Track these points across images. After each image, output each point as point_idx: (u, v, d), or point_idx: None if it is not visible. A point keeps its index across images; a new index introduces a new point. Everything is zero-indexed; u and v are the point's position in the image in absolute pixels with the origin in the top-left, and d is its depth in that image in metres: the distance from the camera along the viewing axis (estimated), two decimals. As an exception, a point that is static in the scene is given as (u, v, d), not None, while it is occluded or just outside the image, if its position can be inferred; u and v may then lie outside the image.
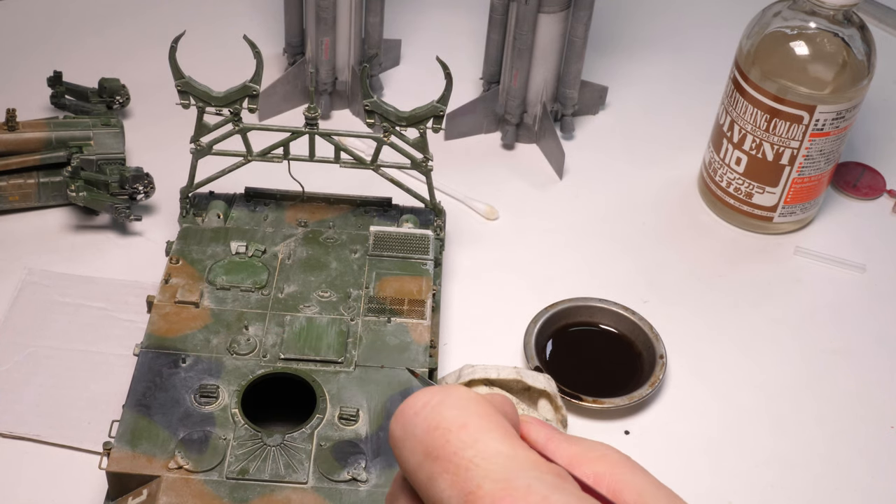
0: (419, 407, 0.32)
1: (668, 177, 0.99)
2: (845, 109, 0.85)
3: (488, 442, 0.31)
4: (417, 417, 0.32)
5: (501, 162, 0.99)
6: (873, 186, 0.99)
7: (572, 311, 0.82)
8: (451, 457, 0.31)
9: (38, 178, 0.86)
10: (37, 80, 0.98)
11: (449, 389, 0.33)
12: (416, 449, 0.32)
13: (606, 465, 0.33)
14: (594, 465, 0.33)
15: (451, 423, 0.31)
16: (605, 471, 0.33)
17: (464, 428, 0.31)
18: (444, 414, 0.32)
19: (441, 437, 0.31)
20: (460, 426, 0.31)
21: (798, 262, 0.92)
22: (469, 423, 0.31)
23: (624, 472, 0.33)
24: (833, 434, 0.78)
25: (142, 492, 0.62)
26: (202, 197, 0.83)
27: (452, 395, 0.32)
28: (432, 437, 0.31)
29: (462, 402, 0.32)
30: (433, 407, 0.32)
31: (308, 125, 0.78)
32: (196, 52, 0.92)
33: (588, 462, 0.33)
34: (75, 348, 0.77)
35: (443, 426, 0.31)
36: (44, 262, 0.84)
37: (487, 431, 0.31)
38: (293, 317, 0.73)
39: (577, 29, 0.94)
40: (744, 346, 0.84)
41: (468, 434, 0.31)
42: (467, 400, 0.32)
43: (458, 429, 0.31)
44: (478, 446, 0.31)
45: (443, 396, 0.32)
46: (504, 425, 0.32)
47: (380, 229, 0.81)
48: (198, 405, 0.67)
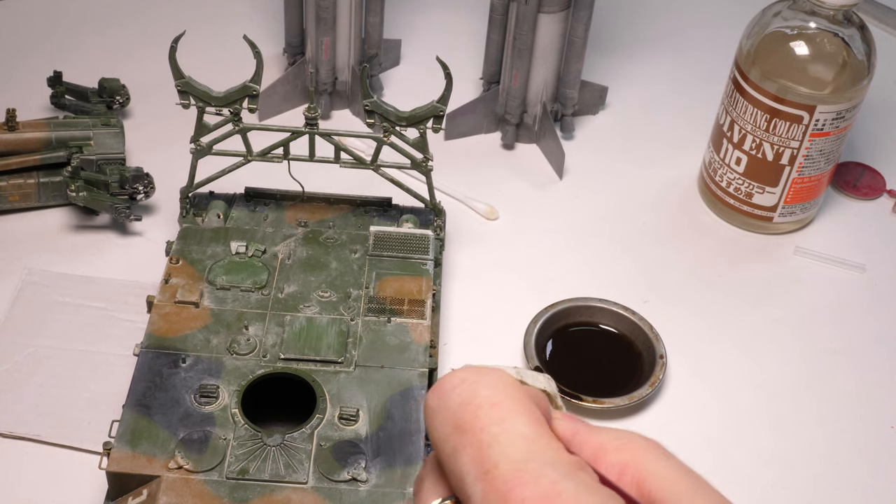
0: (457, 382, 0.33)
1: (668, 177, 0.99)
2: (845, 109, 0.85)
3: (515, 423, 0.32)
4: (454, 392, 0.33)
5: (501, 162, 0.99)
6: (873, 186, 0.99)
7: (572, 311, 0.82)
8: (477, 431, 0.32)
9: (38, 178, 0.86)
10: (37, 80, 0.98)
11: (488, 370, 0.34)
12: (447, 420, 0.33)
13: (631, 454, 0.33)
14: (619, 454, 0.33)
15: (483, 399, 0.32)
16: (629, 459, 0.33)
17: (495, 406, 0.32)
18: (478, 391, 0.33)
19: (472, 411, 0.32)
20: (492, 404, 0.32)
21: (798, 262, 0.92)
22: (501, 402, 0.32)
23: (649, 460, 0.33)
24: (833, 434, 0.78)
25: (142, 492, 0.62)
26: (202, 197, 0.83)
27: (490, 375, 0.33)
28: (464, 411, 0.32)
29: (499, 382, 0.33)
30: (470, 384, 0.33)
31: (308, 125, 0.78)
32: (196, 52, 0.92)
33: (613, 451, 0.33)
34: (75, 348, 0.77)
35: (475, 402, 0.32)
36: (44, 262, 0.84)
37: (516, 414, 0.32)
38: (293, 317, 0.73)
39: (577, 29, 0.94)
40: (744, 346, 0.84)
41: (497, 412, 0.32)
42: (504, 382, 0.33)
43: (489, 406, 0.32)
44: (504, 424, 0.31)
45: (480, 376, 0.33)
46: (534, 412, 0.32)
47: (380, 229, 0.81)
48: (198, 405, 0.67)
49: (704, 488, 0.32)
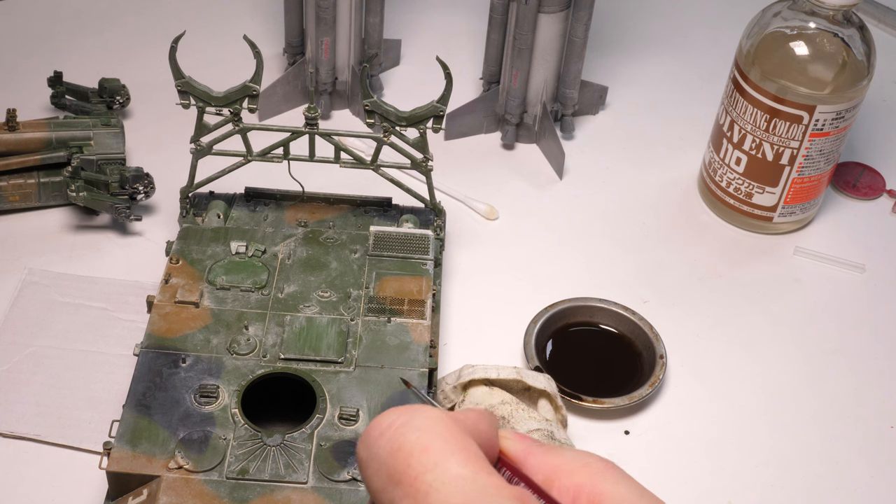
0: (384, 428, 0.32)
1: (668, 177, 0.99)
2: (845, 109, 0.85)
3: (449, 465, 0.30)
4: (382, 439, 0.32)
5: (501, 162, 0.99)
6: (873, 186, 0.99)
7: (572, 311, 0.82)
8: (412, 481, 0.30)
9: (38, 178, 0.86)
10: (37, 80, 0.98)
11: (415, 410, 0.32)
12: (380, 471, 0.31)
13: (587, 476, 0.32)
14: (574, 476, 0.32)
15: (413, 445, 0.31)
16: (585, 482, 0.32)
17: (425, 451, 0.30)
18: (407, 436, 0.31)
19: (403, 460, 0.31)
20: (422, 449, 0.31)
21: (798, 262, 0.92)
22: (431, 445, 0.31)
23: (605, 481, 0.32)
24: (832, 434, 0.78)
25: (142, 492, 0.62)
26: (202, 197, 0.83)
27: (417, 416, 0.32)
28: (395, 460, 0.31)
29: (427, 423, 0.31)
30: (397, 428, 0.31)
31: (308, 125, 0.78)
32: (196, 52, 0.92)
33: (567, 474, 0.32)
34: (75, 348, 0.77)
35: (405, 448, 0.31)
36: (44, 262, 0.84)
37: (450, 455, 0.30)
38: (293, 317, 0.73)
39: (577, 29, 0.94)
40: (744, 345, 0.84)
41: (429, 457, 0.30)
42: (432, 421, 0.32)
43: (419, 452, 0.30)
44: (438, 470, 0.30)
45: (408, 417, 0.32)
46: (468, 448, 0.31)
47: (380, 229, 0.81)
48: (198, 405, 0.67)
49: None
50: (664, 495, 0.72)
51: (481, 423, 0.34)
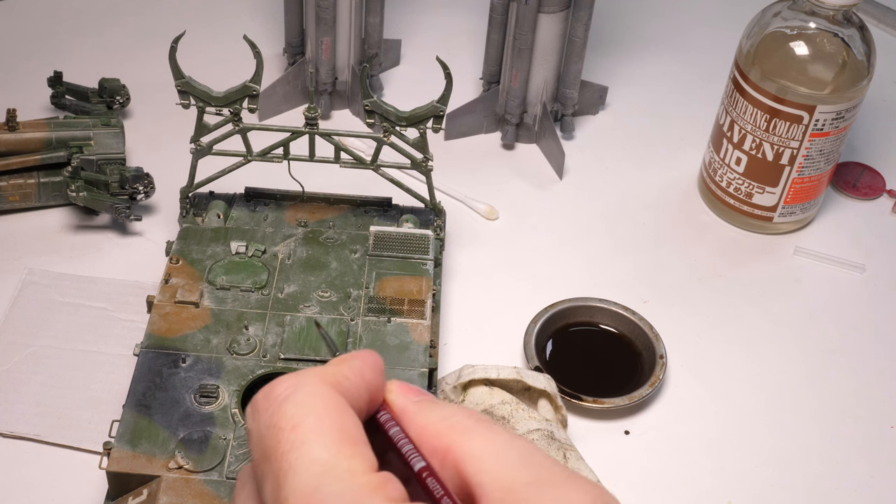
0: (270, 399, 0.32)
1: (668, 177, 0.99)
2: (845, 109, 0.85)
3: (312, 447, 0.30)
4: (265, 412, 0.31)
5: (501, 162, 0.99)
6: (873, 186, 0.99)
7: (572, 311, 0.82)
8: (278, 459, 0.30)
9: (38, 178, 0.86)
10: (37, 80, 0.98)
11: (301, 381, 0.32)
12: (257, 444, 0.31)
13: (455, 436, 0.31)
14: (442, 438, 0.32)
15: (286, 421, 0.30)
16: (451, 443, 0.31)
17: (295, 428, 0.30)
18: (284, 411, 0.31)
19: (275, 435, 0.30)
20: (293, 426, 0.30)
21: (798, 262, 0.92)
22: (302, 423, 0.30)
23: (471, 438, 0.31)
24: (832, 434, 0.78)
25: (142, 492, 0.62)
26: (202, 197, 0.83)
27: (300, 391, 0.31)
28: (269, 434, 0.31)
29: (307, 398, 0.31)
30: (279, 402, 0.31)
31: (308, 125, 0.78)
32: (196, 52, 0.92)
33: (435, 435, 0.32)
34: (75, 348, 0.77)
35: (279, 424, 0.31)
36: (44, 262, 0.84)
37: (318, 435, 0.30)
38: (293, 317, 0.73)
39: (577, 29, 0.94)
40: (744, 345, 0.84)
41: (297, 435, 0.30)
42: (313, 396, 0.31)
43: (290, 428, 0.30)
44: (301, 450, 0.30)
45: (291, 391, 0.31)
46: (341, 428, 0.30)
47: (380, 229, 0.81)
48: (198, 405, 0.67)
49: (532, 458, 0.30)
50: (664, 495, 0.73)
51: (366, 370, 0.33)
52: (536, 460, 0.30)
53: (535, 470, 0.30)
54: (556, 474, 0.30)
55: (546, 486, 0.29)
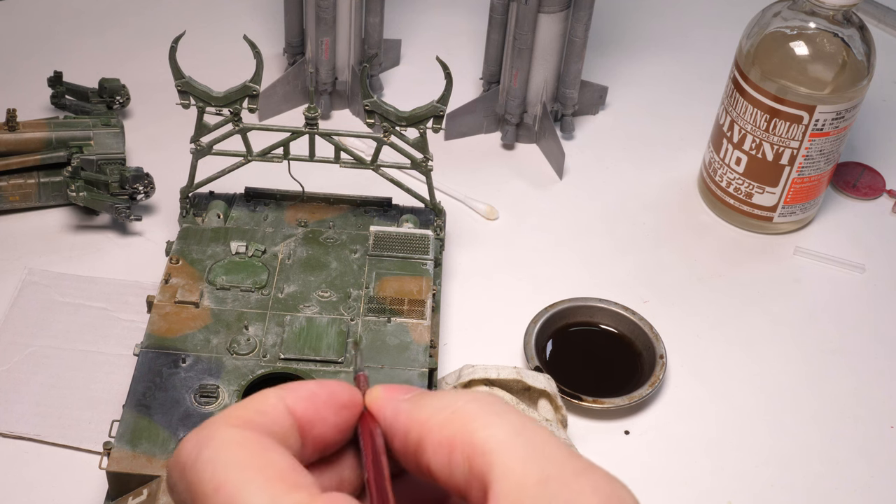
0: (180, 467, 0.30)
1: (668, 177, 0.99)
2: (845, 109, 0.85)
3: (246, 499, 0.28)
4: (181, 481, 0.30)
5: (501, 162, 0.99)
6: (873, 186, 0.99)
7: (572, 311, 0.82)
8: None
9: (38, 178, 0.86)
10: (37, 80, 0.98)
11: (207, 438, 0.30)
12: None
13: (459, 426, 0.30)
14: (445, 429, 0.30)
15: (207, 484, 0.29)
16: (456, 433, 0.30)
17: (218, 490, 0.29)
18: (201, 473, 0.29)
19: (201, 503, 0.29)
20: (215, 489, 0.29)
21: (798, 262, 0.92)
22: (224, 480, 0.29)
23: (478, 427, 0.29)
24: (832, 434, 0.78)
25: (142, 491, 0.62)
26: (202, 197, 0.83)
27: (209, 447, 0.30)
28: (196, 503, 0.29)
29: (218, 452, 0.29)
30: (191, 466, 0.30)
31: (308, 125, 0.78)
32: (196, 52, 0.92)
33: (437, 428, 0.30)
34: (75, 348, 0.77)
35: (201, 490, 0.29)
36: (44, 262, 0.84)
37: (246, 484, 0.28)
38: (293, 317, 0.73)
39: (577, 29, 0.94)
40: (744, 345, 0.84)
41: (224, 496, 0.28)
42: (223, 447, 0.29)
43: (213, 492, 0.29)
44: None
45: (199, 448, 0.30)
46: (267, 466, 0.29)
47: (380, 229, 0.81)
48: (198, 405, 0.67)
49: (544, 449, 0.29)
50: (664, 495, 0.73)
51: (289, 399, 0.32)
52: (548, 451, 0.29)
53: (546, 464, 0.28)
54: (569, 468, 0.28)
55: (558, 483, 0.28)
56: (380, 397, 0.32)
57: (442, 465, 0.30)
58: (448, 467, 0.30)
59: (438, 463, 0.30)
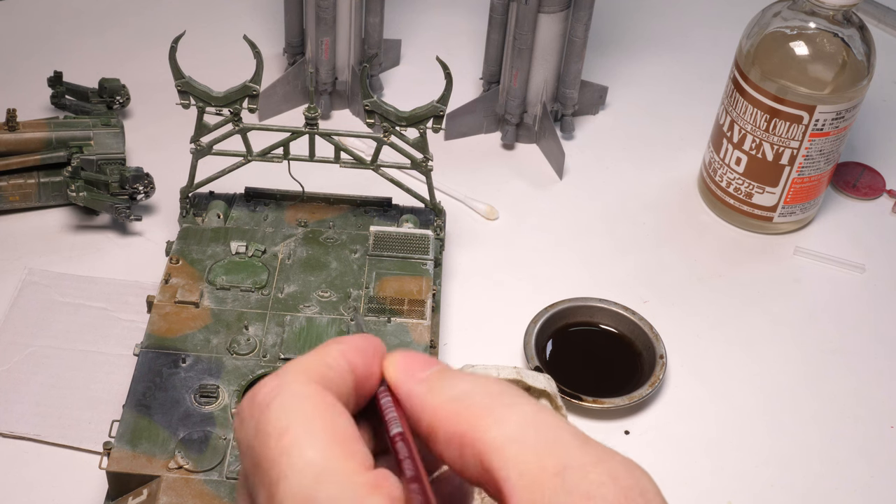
0: (254, 406, 0.31)
1: (668, 177, 0.99)
2: (845, 109, 0.85)
3: (304, 450, 0.29)
4: (251, 419, 0.31)
5: (501, 162, 0.99)
6: (873, 186, 0.99)
7: (572, 311, 0.82)
8: (269, 467, 0.29)
9: (38, 178, 0.86)
10: (37, 80, 0.98)
11: (284, 383, 0.31)
12: (247, 454, 0.31)
13: (470, 420, 0.30)
14: (455, 423, 0.30)
15: (273, 427, 0.30)
16: (467, 428, 0.30)
17: (283, 435, 0.29)
18: (270, 417, 0.30)
19: (263, 443, 0.30)
20: (280, 432, 0.29)
21: (798, 262, 0.92)
22: (289, 427, 0.29)
23: (488, 423, 0.29)
24: (832, 434, 0.78)
25: (142, 491, 0.62)
26: (202, 197, 0.83)
27: (283, 393, 0.30)
28: (258, 442, 0.30)
29: (292, 400, 0.30)
30: (264, 408, 0.30)
31: (308, 125, 0.78)
32: (196, 52, 0.92)
33: (448, 420, 0.30)
34: (75, 348, 0.77)
35: (267, 430, 0.30)
36: (44, 262, 0.84)
37: (308, 437, 0.29)
38: (293, 317, 0.73)
39: (577, 29, 0.94)
40: (744, 345, 0.84)
41: (286, 440, 0.29)
42: (298, 397, 0.30)
43: (278, 435, 0.29)
44: (293, 455, 0.29)
45: (275, 394, 0.30)
46: (331, 428, 0.30)
47: (380, 229, 0.81)
48: (198, 405, 0.67)
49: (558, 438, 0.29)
50: (664, 495, 0.72)
51: (350, 354, 0.32)
52: (563, 440, 0.29)
53: (562, 454, 0.28)
54: (586, 457, 0.28)
55: (576, 474, 0.28)
56: (397, 367, 0.33)
57: (454, 458, 0.30)
58: (460, 460, 0.30)
59: (450, 455, 0.30)
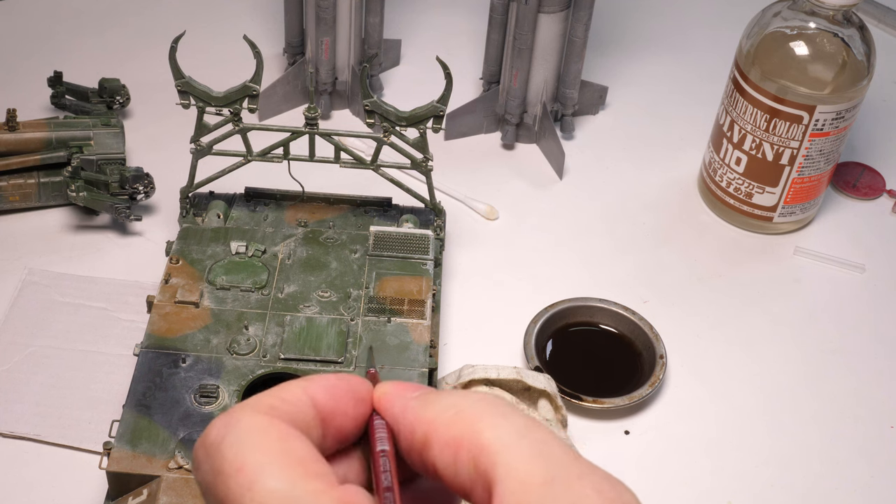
0: (206, 448, 0.31)
1: (668, 177, 0.99)
2: (845, 109, 0.85)
3: (265, 481, 0.29)
4: (206, 462, 0.31)
5: (501, 162, 0.99)
6: (873, 186, 0.99)
7: (572, 311, 0.82)
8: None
9: (38, 178, 0.86)
10: (37, 80, 0.98)
11: (231, 421, 0.31)
12: (208, 494, 0.30)
13: (465, 426, 0.30)
14: (451, 428, 0.30)
15: (229, 465, 0.30)
16: (462, 433, 0.30)
17: (240, 471, 0.29)
18: (224, 455, 0.30)
19: (223, 483, 0.30)
20: (237, 469, 0.29)
21: (798, 262, 0.92)
22: (245, 462, 0.29)
23: (482, 429, 0.30)
24: (832, 434, 0.78)
25: (142, 492, 0.62)
26: (202, 197, 0.83)
27: (233, 430, 0.30)
28: (217, 485, 0.30)
29: (241, 435, 0.30)
30: (216, 448, 0.30)
31: (308, 125, 0.78)
32: (196, 52, 0.92)
33: (444, 427, 0.31)
34: (75, 348, 0.77)
35: (223, 470, 0.30)
36: (44, 262, 0.84)
37: (265, 468, 0.29)
38: (293, 317, 0.73)
39: (577, 29, 0.94)
40: (743, 345, 0.84)
41: (245, 477, 0.29)
42: (247, 432, 0.30)
43: (235, 472, 0.29)
44: (255, 489, 0.29)
45: (224, 433, 0.30)
46: (288, 453, 0.30)
47: (380, 229, 0.81)
48: (198, 405, 0.67)
49: (547, 450, 0.29)
50: (664, 495, 0.73)
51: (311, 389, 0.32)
52: (552, 453, 0.29)
53: (551, 465, 0.29)
54: (573, 470, 0.29)
55: (562, 485, 0.28)
56: (388, 393, 0.33)
57: (447, 464, 0.30)
58: (453, 466, 0.30)
59: (444, 462, 0.30)
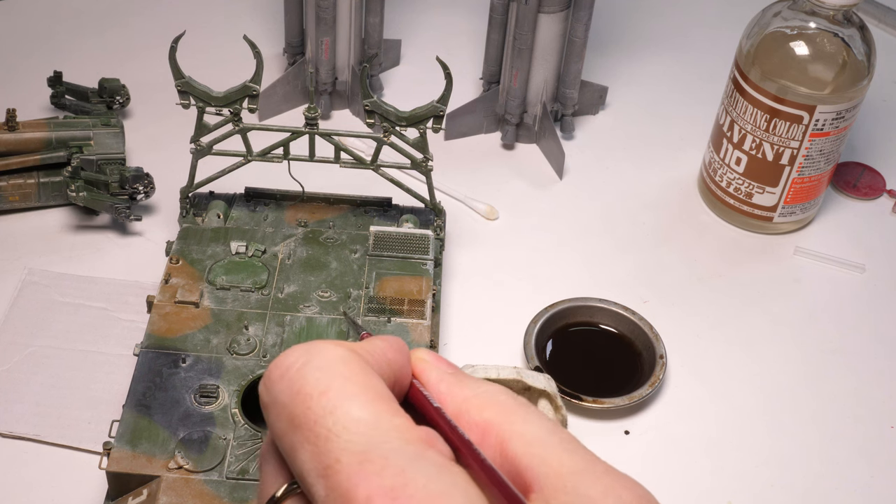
0: (284, 369, 0.30)
1: (668, 177, 0.99)
2: (845, 109, 0.85)
3: (350, 408, 0.29)
4: (282, 381, 0.30)
5: (501, 162, 0.99)
6: (873, 186, 0.99)
7: (572, 311, 0.82)
8: (312, 426, 0.29)
9: (38, 178, 0.86)
10: (37, 80, 0.98)
11: (315, 348, 0.31)
12: (281, 415, 0.30)
13: (496, 412, 0.31)
14: (483, 412, 0.31)
15: (312, 387, 0.29)
16: (493, 418, 0.31)
17: (325, 394, 0.29)
18: (306, 377, 0.30)
19: (302, 403, 0.29)
20: (321, 392, 0.29)
21: (798, 262, 0.92)
22: (331, 387, 0.29)
23: (514, 420, 0.31)
24: (832, 434, 0.78)
25: (142, 492, 0.62)
26: (202, 197, 0.83)
27: (318, 356, 0.30)
28: (294, 404, 0.29)
29: (327, 362, 0.30)
30: (297, 370, 0.30)
31: (308, 125, 0.78)
32: (196, 52, 0.92)
33: (477, 408, 0.31)
34: (75, 348, 0.77)
35: (304, 391, 0.29)
36: (44, 262, 0.84)
37: (351, 396, 0.29)
38: (293, 317, 0.73)
39: (577, 29, 0.94)
40: (743, 345, 0.84)
41: (329, 400, 0.29)
42: (333, 360, 0.30)
43: (319, 395, 0.29)
44: (338, 414, 0.29)
45: (308, 357, 0.30)
46: (372, 387, 0.30)
47: (380, 229, 0.81)
48: (198, 405, 0.67)
49: (572, 445, 0.30)
50: (664, 495, 0.72)
51: (389, 351, 0.32)
52: (578, 450, 0.30)
53: (578, 460, 0.29)
54: (598, 467, 0.29)
55: (592, 476, 0.29)
56: (426, 360, 0.33)
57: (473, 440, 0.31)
58: (479, 446, 0.31)
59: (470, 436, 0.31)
